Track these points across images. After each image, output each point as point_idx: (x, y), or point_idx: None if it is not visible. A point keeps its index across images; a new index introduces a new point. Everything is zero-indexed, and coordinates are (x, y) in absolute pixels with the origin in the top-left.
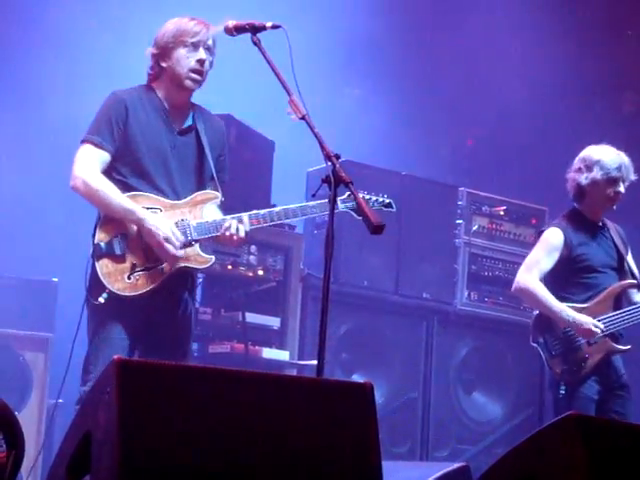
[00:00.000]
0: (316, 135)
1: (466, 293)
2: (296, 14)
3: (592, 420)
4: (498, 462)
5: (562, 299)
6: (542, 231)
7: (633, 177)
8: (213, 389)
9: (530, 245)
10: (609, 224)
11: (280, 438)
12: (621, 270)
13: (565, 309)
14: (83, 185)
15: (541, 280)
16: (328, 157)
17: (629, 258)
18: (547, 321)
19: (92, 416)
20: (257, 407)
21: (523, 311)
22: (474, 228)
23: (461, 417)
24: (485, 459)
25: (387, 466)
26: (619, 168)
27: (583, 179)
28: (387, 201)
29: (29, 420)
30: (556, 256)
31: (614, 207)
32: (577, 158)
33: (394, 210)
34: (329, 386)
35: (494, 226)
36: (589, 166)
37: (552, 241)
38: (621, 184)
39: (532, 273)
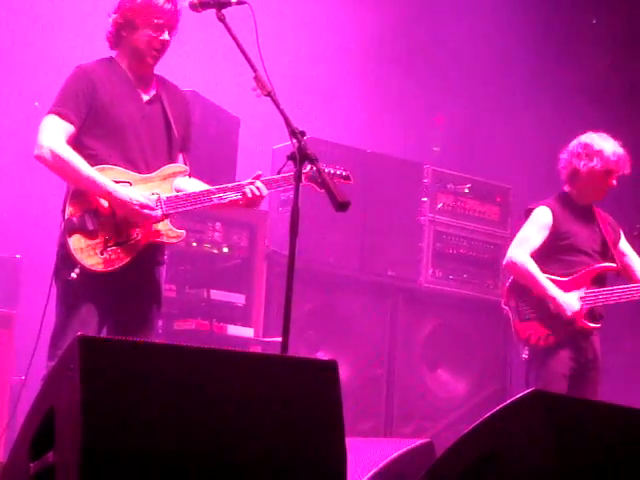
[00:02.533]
0: (282, 112)
1: (431, 270)
2: None
3: (554, 397)
4: (460, 439)
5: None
6: (530, 209)
7: (627, 171)
8: (176, 366)
9: (495, 222)
10: (597, 211)
11: (244, 414)
12: (604, 255)
13: (552, 287)
14: (50, 155)
15: (530, 256)
16: (293, 134)
17: (622, 244)
18: (520, 287)
19: (56, 392)
20: (220, 383)
21: (487, 288)
22: (439, 206)
23: (426, 394)
24: (449, 435)
25: (351, 443)
26: (617, 162)
27: (581, 165)
28: (345, 174)
29: None
30: (545, 233)
31: (602, 199)
32: (576, 142)
33: (351, 182)
34: (293, 363)
35: (459, 204)
36: (589, 154)
37: (542, 219)
38: (615, 177)
39: (523, 248)
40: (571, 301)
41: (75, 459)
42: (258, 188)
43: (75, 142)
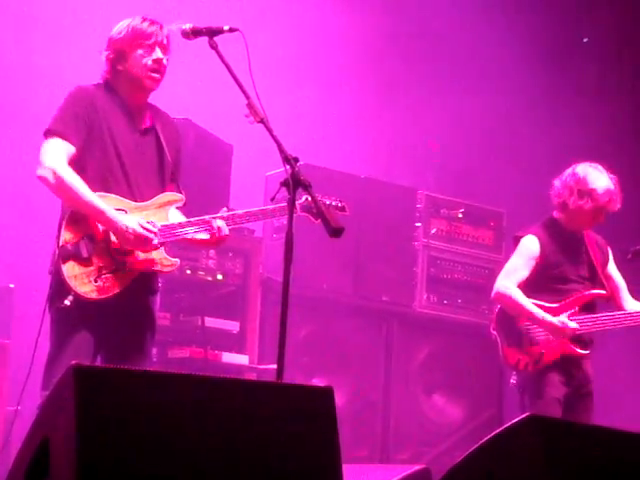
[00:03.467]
0: (274, 138)
1: (425, 295)
2: (258, 18)
3: (550, 421)
4: (457, 465)
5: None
6: (518, 237)
7: (617, 208)
8: (171, 394)
9: (489, 247)
10: (586, 234)
11: (240, 442)
12: (594, 281)
13: (545, 315)
14: (53, 176)
15: (519, 286)
16: (287, 160)
17: (610, 266)
18: (508, 313)
19: (50, 421)
20: (216, 411)
21: (482, 313)
22: (432, 231)
23: (422, 419)
24: (446, 461)
25: (347, 469)
26: (609, 202)
27: (571, 201)
28: (340, 205)
29: None
30: (532, 264)
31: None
32: (570, 173)
33: (347, 214)
34: (289, 390)
35: (452, 229)
36: (581, 192)
37: (529, 249)
38: (604, 215)
39: (510, 280)
40: (562, 319)
41: None
42: (219, 228)
43: (74, 165)
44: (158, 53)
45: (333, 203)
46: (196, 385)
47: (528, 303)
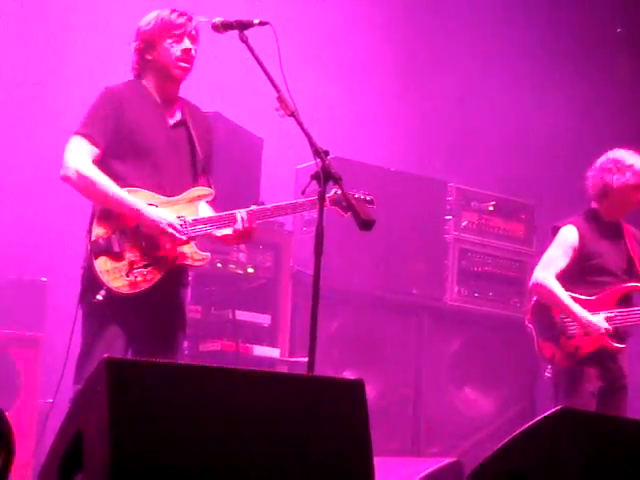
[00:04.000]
0: (305, 131)
1: (456, 289)
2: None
3: (583, 414)
4: (489, 458)
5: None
6: (557, 227)
7: None
8: (203, 386)
9: (520, 240)
10: (625, 227)
11: (272, 435)
12: (631, 273)
13: (581, 312)
14: (77, 175)
15: (556, 277)
16: (317, 153)
17: None
18: (545, 306)
19: (83, 415)
20: (248, 404)
21: (513, 306)
22: (463, 224)
23: (453, 412)
24: (478, 454)
25: (378, 462)
26: None
27: (614, 180)
28: (369, 198)
29: (19, 421)
30: (571, 254)
31: (629, 213)
32: (605, 159)
33: (375, 207)
34: (321, 383)
35: (483, 221)
36: (621, 169)
37: (568, 239)
38: None
39: (549, 271)
40: (597, 321)
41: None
42: (243, 220)
43: (100, 164)
44: (187, 43)
45: (362, 196)
46: (228, 378)
47: (566, 296)
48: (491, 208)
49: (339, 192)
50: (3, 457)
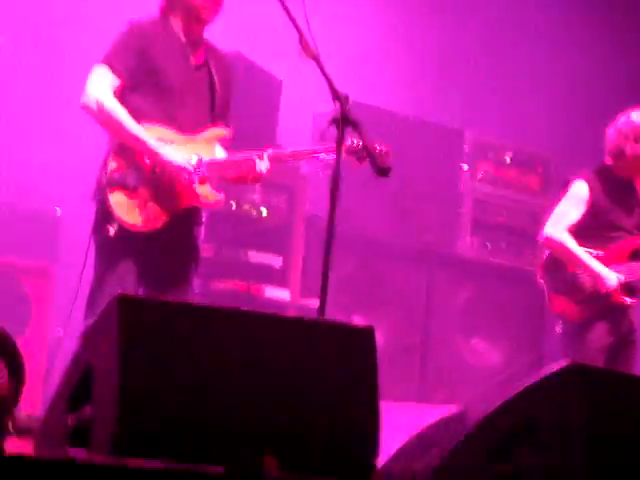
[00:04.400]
0: (325, 75)
1: (469, 238)
2: None
3: (590, 369)
4: (494, 410)
5: None
6: (568, 181)
7: None
8: (213, 327)
9: (535, 192)
10: (638, 182)
11: (279, 377)
12: None
13: (590, 260)
14: (96, 105)
15: (567, 232)
16: (337, 98)
17: None
18: (557, 260)
19: (94, 349)
20: (256, 345)
21: (525, 258)
22: (479, 174)
23: (460, 362)
24: (483, 405)
25: (385, 407)
26: None
27: (628, 147)
28: (385, 150)
29: (29, 350)
30: (582, 209)
31: None
32: (625, 120)
33: (390, 159)
34: (330, 327)
35: (499, 172)
36: (637, 138)
37: (579, 194)
38: None
39: (560, 225)
40: (609, 275)
41: (112, 415)
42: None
43: (121, 97)
44: None
45: (377, 147)
46: (238, 319)
47: (578, 249)
48: (508, 159)
49: (355, 141)
50: (14, 386)
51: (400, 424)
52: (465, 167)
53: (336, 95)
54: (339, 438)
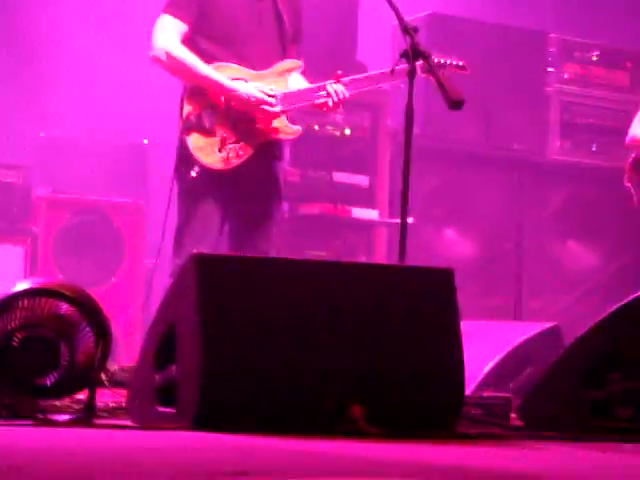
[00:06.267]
0: (393, 8)
1: (558, 142)
2: None
3: None
4: (582, 337)
5: None
6: None
7: None
8: (291, 279)
9: (625, 89)
10: None
11: (362, 326)
12: None
13: None
14: (166, 56)
15: None
16: (405, 31)
17: None
18: None
19: (176, 308)
20: (336, 295)
21: (618, 157)
22: (565, 75)
23: (556, 266)
24: (581, 308)
25: (478, 326)
26: None
27: None
28: (461, 64)
29: (125, 285)
30: None
31: None
32: None
33: (468, 72)
34: (410, 271)
35: (586, 72)
36: None
37: None
38: None
39: None
40: None
41: (196, 377)
42: (337, 93)
43: (189, 41)
44: None
45: (453, 63)
46: (316, 271)
47: None
48: (595, 58)
49: (435, 60)
50: (102, 346)
51: (494, 343)
52: (551, 69)
53: (405, 28)
54: (423, 383)
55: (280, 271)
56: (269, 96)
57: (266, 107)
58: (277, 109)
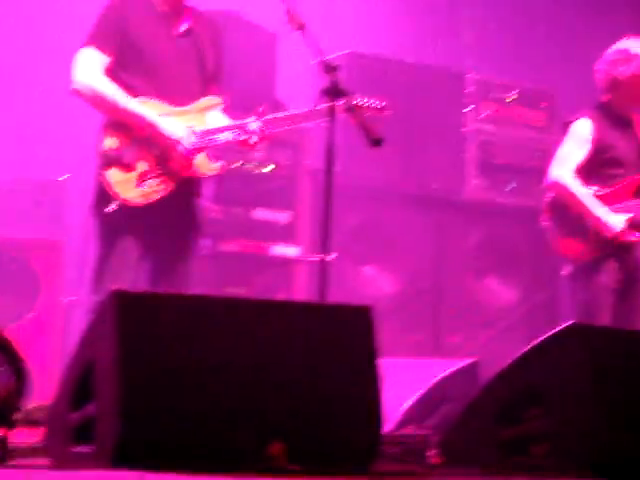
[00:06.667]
0: (314, 46)
1: (476, 181)
2: None
3: (591, 328)
4: (500, 374)
5: None
6: (568, 122)
7: None
8: (210, 317)
9: (541, 129)
10: (637, 118)
11: (280, 364)
12: None
13: (596, 206)
14: (87, 89)
15: (573, 173)
16: (327, 68)
17: None
18: (561, 203)
19: (94, 345)
20: (256, 333)
21: (534, 196)
22: (483, 115)
23: (474, 303)
24: (499, 344)
25: (395, 364)
26: None
27: (620, 72)
28: (380, 105)
29: (43, 321)
30: (587, 147)
31: None
32: (611, 50)
33: (387, 114)
34: (328, 309)
35: (503, 111)
36: (628, 59)
37: (581, 133)
38: None
39: (565, 167)
40: (614, 221)
41: (115, 414)
42: (257, 131)
43: (111, 74)
44: None
45: (373, 104)
46: (234, 308)
47: (583, 194)
48: (511, 98)
49: (353, 100)
50: (17, 384)
51: (412, 381)
52: (468, 108)
53: (326, 66)
54: (341, 421)
55: (199, 308)
56: (189, 139)
57: (184, 147)
58: (194, 153)
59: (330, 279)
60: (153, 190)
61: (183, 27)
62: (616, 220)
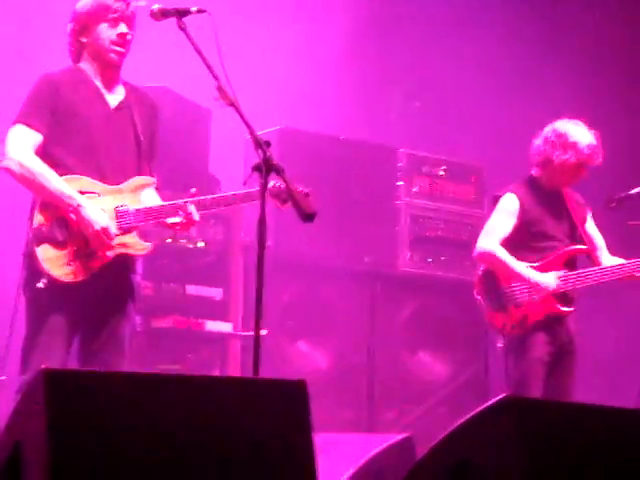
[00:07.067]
0: (246, 122)
1: (408, 255)
2: None
3: (524, 401)
4: (433, 447)
5: None
6: (497, 196)
7: (599, 163)
8: (142, 395)
9: (470, 202)
10: (566, 192)
11: (214, 439)
12: (574, 238)
13: (525, 269)
14: (18, 167)
15: (500, 245)
16: (258, 145)
17: (589, 224)
18: (492, 276)
19: (22, 425)
20: (188, 411)
21: (466, 270)
22: (414, 189)
23: (407, 378)
24: (432, 419)
25: (330, 439)
26: (591, 155)
27: (555, 156)
28: (305, 191)
29: None
30: (513, 221)
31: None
32: (550, 130)
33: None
34: (261, 385)
35: (434, 186)
36: (564, 145)
37: (508, 207)
38: (587, 170)
39: (492, 238)
40: (546, 280)
41: None
42: (190, 214)
43: (43, 151)
44: (122, 28)
45: (299, 189)
46: (166, 385)
47: (511, 260)
48: (442, 172)
49: (277, 184)
50: None
51: (346, 457)
52: (400, 183)
53: (257, 142)
54: None
55: (131, 386)
56: (110, 230)
57: (103, 237)
58: (113, 245)
59: (264, 354)
60: (84, 268)
61: (118, 101)
62: (547, 277)
